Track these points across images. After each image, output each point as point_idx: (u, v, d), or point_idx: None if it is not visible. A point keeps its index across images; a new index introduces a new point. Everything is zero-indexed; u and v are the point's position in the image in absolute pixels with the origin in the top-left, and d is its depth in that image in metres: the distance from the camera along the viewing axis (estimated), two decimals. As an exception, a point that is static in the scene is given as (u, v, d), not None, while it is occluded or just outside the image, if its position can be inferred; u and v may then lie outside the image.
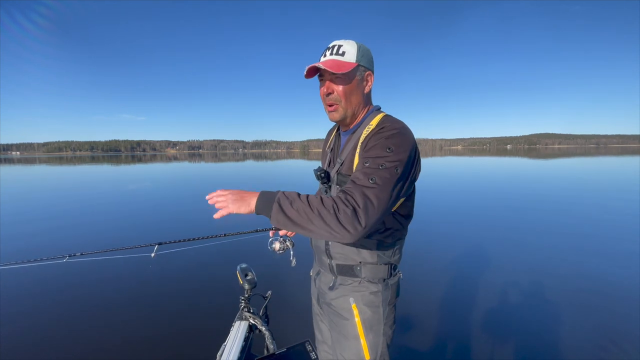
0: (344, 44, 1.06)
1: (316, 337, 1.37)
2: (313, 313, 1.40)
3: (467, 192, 10.72)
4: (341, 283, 1.16)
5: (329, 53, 1.06)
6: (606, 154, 52.71)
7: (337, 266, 1.15)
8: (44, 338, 2.65)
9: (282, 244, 1.38)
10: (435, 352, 2.42)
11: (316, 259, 1.30)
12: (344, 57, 1.04)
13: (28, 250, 4.95)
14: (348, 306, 1.13)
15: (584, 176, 15.95)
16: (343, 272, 1.15)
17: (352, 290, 1.13)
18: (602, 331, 2.62)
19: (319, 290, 1.27)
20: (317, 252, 1.25)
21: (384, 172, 0.91)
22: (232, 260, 4.23)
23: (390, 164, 0.92)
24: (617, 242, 5.05)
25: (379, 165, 0.92)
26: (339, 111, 1.09)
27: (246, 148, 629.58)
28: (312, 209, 0.87)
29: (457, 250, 4.66)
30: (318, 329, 1.36)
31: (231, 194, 0.94)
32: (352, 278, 1.13)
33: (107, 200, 9.97)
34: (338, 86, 1.05)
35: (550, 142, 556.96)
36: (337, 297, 1.16)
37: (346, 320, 1.13)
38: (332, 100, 1.07)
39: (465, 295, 3.30)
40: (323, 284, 1.23)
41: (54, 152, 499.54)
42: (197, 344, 2.52)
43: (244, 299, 1.49)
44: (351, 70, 1.04)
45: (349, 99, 1.07)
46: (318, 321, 1.35)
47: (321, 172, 1.17)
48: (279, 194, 0.91)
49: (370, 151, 0.96)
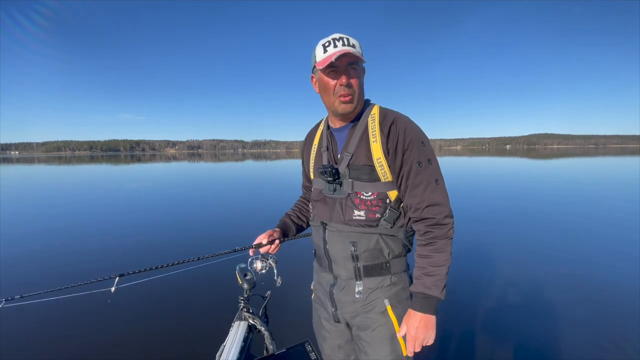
0: (350, 37, 1.05)
1: (325, 353, 1.27)
2: (318, 328, 1.29)
3: (466, 192, 10.72)
4: (368, 287, 1.09)
5: (341, 44, 1.02)
6: (605, 154, 52.83)
7: (365, 268, 1.08)
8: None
9: (264, 262, 1.30)
10: (435, 352, 2.41)
11: (330, 269, 1.16)
12: (356, 49, 1.03)
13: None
14: (382, 308, 1.08)
15: (583, 176, 15.97)
16: (371, 272, 1.08)
17: (382, 292, 1.09)
18: (602, 331, 2.61)
19: (337, 303, 1.15)
20: (336, 259, 1.13)
21: (435, 167, 1.05)
22: (230, 260, 4.21)
23: (432, 156, 1.06)
24: (616, 242, 5.06)
25: (428, 160, 1.03)
26: (353, 102, 1.06)
27: (245, 148, 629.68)
28: (446, 257, 1.03)
29: (456, 249, 4.64)
30: (327, 346, 1.25)
31: (422, 333, 1.01)
32: (380, 277, 1.08)
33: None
34: (354, 77, 1.04)
35: (550, 143, 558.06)
36: (367, 303, 1.09)
37: (380, 324, 1.08)
38: (349, 92, 1.04)
39: (465, 295, 3.29)
40: (345, 294, 1.12)
41: (52, 151, 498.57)
42: (196, 344, 2.51)
43: (243, 299, 1.48)
44: (363, 63, 1.07)
45: (361, 91, 1.09)
46: (327, 337, 1.24)
47: (331, 169, 1.07)
48: (436, 293, 1.00)
49: (412, 150, 1.02)
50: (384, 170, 1.04)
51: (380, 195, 1.05)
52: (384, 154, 1.03)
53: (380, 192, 1.05)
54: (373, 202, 1.06)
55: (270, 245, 1.26)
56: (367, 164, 1.05)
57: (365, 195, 1.06)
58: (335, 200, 1.11)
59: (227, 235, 5.84)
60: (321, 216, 1.17)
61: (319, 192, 1.18)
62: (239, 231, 6.05)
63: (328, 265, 1.17)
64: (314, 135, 1.28)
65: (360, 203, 1.06)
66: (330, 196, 1.13)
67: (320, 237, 1.18)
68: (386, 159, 1.03)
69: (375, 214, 1.05)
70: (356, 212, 1.07)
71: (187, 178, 18.66)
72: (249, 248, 1.29)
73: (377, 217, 1.05)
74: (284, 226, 1.36)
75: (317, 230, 1.20)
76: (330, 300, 1.18)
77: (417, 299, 1.01)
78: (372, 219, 1.06)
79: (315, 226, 1.22)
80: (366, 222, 1.06)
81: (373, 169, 1.04)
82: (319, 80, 1.08)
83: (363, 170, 1.06)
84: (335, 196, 1.11)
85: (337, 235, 1.11)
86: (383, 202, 1.05)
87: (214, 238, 5.65)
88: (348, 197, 1.08)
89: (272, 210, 8.07)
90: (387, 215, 1.05)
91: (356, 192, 1.07)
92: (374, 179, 1.05)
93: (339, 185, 1.10)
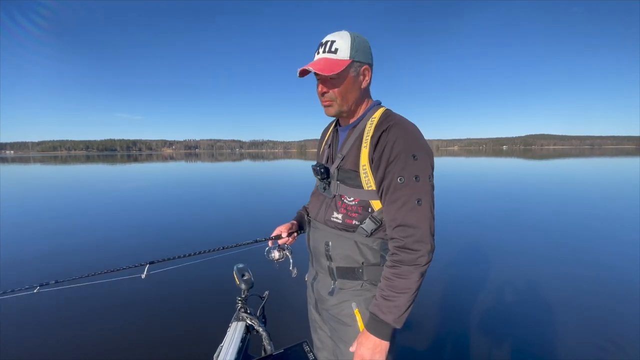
0: (337, 39, 1.00)
1: (315, 344, 1.32)
2: (310, 319, 1.35)
3: (465, 192, 10.76)
4: (341, 287, 1.10)
5: (322, 50, 1.01)
6: (601, 155, 53.25)
7: (338, 269, 1.09)
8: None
9: (281, 252, 1.32)
10: (435, 352, 2.42)
11: (313, 263, 1.23)
12: (337, 54, 0.99)
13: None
14: (350, 311, 1.08)
15: (579, 177, 16.09)
16: (343, 275, 1.09)
17: (353, 294, 1.08)
18: (602, 331, 2.63)
19: (317, 296, 1.21)
20: (315, 254, 1.19)
21: (422, 186, 0.94)
22: (228, 261, 4.20)
23: (423, 173, 0.95)
24: (616, 242, 5.09)
25: (414, 176, 0.94)
26: (334, 107, 1.06)
27: (243, 148, 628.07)
28: (408, 285, 0.92)
29: (455, 250, 4.67)
30: (316, 335, 1.31)
31: (368, 355, 0.95)
32: (353, 281, 1.08)
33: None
34: (332, 86, 1.02)
35: (546, 143, 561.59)
36: (338, 303, 1.11)
37: (348, 327, 1.09)
38: (328, 98, 1.05)
39: (464, 295, 3.30)
40: (321, 289, 1.17)
41: (48, 151, 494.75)
42: (193, 345, 2.50)
43: (241, 299, 1.47)
44: (344, 69, 0.99)
45: (345, 97, 1.04)
46: (316, 328, 1.30)
47: (320, 168, 1.11)
48: (389, 320, 0.93)
49: (397, 163, 0.94)
50: (368, 178, 1.00)
51: (362, 203, 1.03)
52: (369, 162, 1.00)
53: (362, 199, 1.03)
54: (353, 207, 1.04)
55: (289, 238, 1.30)
56: (353, 169, 1.04)
57: (348, 200, 1.05)
58: (324, 198, 1.15)
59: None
60: (311, 211, 1.24)
61: (316, 188, 1.24)
62: (249, 226, 6.21)
63: (311, 259, 1.24)
64: (327, 131, 1.31)
65: (341, 206, 1.07)
66: (322, 194, 1.17)
67: (307, 231, 1.25)
68: (370, 167, 1.00)
69: (352, 220, 1.04)
70: (335, 214, 1.08)
71: (187, 179, 18.59)
72: (269, 239, 1.32)
73: (355, 223, 1.04)
74: (301, 219, 1.39)
75: (306, 224, 1.27)
76: (312, 292, 1.25)
77: (371, 320, 0.97)
78: (348, 224, 1.05)
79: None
80: (342, 226, 1.06)
81: (358, 175, 1.02)
82: None
83: (349, 175, 1.05)
84: (324, 194, 1.14)
85: (317, 232, 1.16)
86: (364, 210, 1.03)
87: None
88: (333, 198, 1.10)
89: (281, 207, 8.08)
90: (365, 224, 1.03)
91: (340, 195, 1.08)
92: (358, 185, 1.03)
93: (328, 185, 1.12)
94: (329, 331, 1.20)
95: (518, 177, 16.46)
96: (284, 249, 1.33)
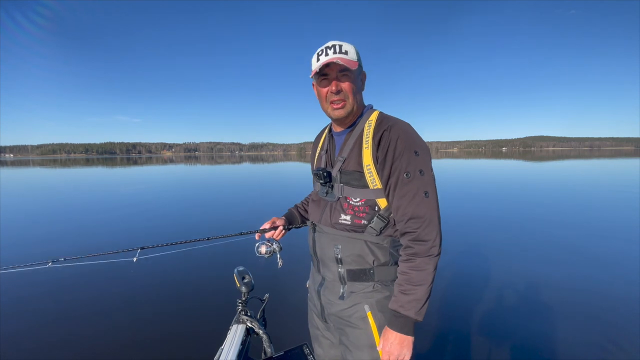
0: (343, 44, 1.05)
1: (316, 353, 1.30)
2: (311, 328, 1.32)
3: (465, 193, 10.77)
4: (351, 291, 1.10)
5: (332, 52, 1.04)
6: (600, 156, 53.36)
7: (348, 272, 1.09)
8: (36, 342, 2.61)
9: (269, 247, 1.32)
10: (435, 352, 2.42)
11: (319, 269, 1.20)
12: (348, 55, 1.04)
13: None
14: (362, 314, 1.07)
15: (579, 178, 16.10)
16: (354, 277, 1.09)
17: (364, 297, 1.08)
18: (602, 331, 2.63)
19: (324, 302, 1.18)
20: (322, 259, 1.17)
21: (427, 179, 1.00)
22: (228, 263, 4.20)
23: (426, 167, 1.00)
24: (616, 242, 5.10)
25: (419, 170, 0.99)
26: (346, 107, 1.07)
27: (243, 150, 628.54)
28: (424, 276, 0.96)
29: (456, 250, 4.66)
30: (319, 344, 1.29)
31: (396, 349, 0.98)
32: (364, 283, 1.08)
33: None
34: (345, 83, 1.05)
35: (545, 145, 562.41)
36: (349, 306, 1.10)
37: (359, 330, 1.08)
38: (342, 97, 1.06)
39: (465, 296, 3.30)
40: (330, 294, 1.15)
41: (48, 154, 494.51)
42: (193, 348, 2.49)
43: (241, 302, 1.47)
44: (357, 68, 1.06)
45: (355, 96, 1.08)
46: (318, 336, 1.28)
47: (323, 172, 1.12)
48: (411, 314, 0.96)
49: (402, 160, 0.99)
50: (373, 177, 1.03)
51: (368, 202, 1.05)
52: (374, 161, 1.03)
53: (368, 199, 1.05)
54: (360, 208, 1.06)
55: (274, 231, 1.31)
56: (357, 170, 1.06)
57: (354, 200, 1.07)
58: (327, 202, 1.15)
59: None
60: (313, 217, 1.23)
61: (316, 193, 1.23)
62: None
63: (317, 265, 1.22)
64: (320, 137, 1.32)
65: (348, 208, 1.08)
66: (323, 198, 1.17)
67: (311, 237, 1.23)
68: (375, 166, 1.03)
69: (361, 220, 1.06)
70: (343, 216, 1.08)
71: (188, 179, 18.58)
72: (255, 232, 1.34)
73: (364, 223, 1.05)
74: (290, 215, 1.41)
75: (309, 231, 1.25)
76: (318, 299, 1.22)
77: (393, 317, 1.00)
78: (357, 224, 1.06)
79: (309, 226, 1.27)
80: (351, 227, 1.07)
81: (362, 175, 1.05)
82: (316, 88, 1.13)
83: (353, 176, 1.07)
84: (327, 199, 1.15)
85: (324, 237, 1.15)
86: (371, 209, 1.05)
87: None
88: (337, 201, 1.11)
89: (281, 206, 8.05)
90: (374, 222, 1.05)
91: (345, 197, 1.09)
92: (363, 185, 1.05)
93: (331, 188, 1.13)
94: (339, 335, 1.18)
95: (518, 178, 16.47)
96: (273, 244, 1.33)
